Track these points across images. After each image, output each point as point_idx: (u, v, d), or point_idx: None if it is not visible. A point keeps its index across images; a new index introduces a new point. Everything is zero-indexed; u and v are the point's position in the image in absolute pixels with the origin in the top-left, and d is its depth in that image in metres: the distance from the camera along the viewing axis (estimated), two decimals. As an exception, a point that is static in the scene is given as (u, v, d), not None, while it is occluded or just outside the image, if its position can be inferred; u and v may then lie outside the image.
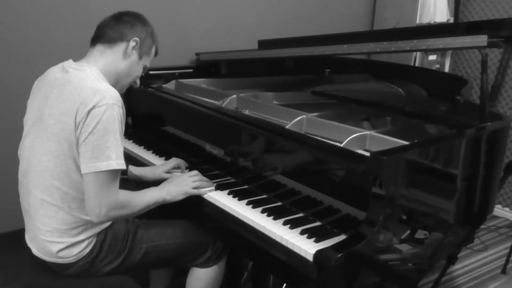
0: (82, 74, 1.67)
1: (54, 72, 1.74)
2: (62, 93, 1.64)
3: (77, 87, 1.62)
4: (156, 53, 1.90)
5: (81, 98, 1.59)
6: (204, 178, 1.92)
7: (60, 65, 1.75)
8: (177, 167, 2.09)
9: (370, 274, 1.57)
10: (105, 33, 1.75)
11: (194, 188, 1.87)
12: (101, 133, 1.56)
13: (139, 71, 1.85)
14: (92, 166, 1.57)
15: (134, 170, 2.10)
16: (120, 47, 1.76)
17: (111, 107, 1.58)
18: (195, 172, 1.94)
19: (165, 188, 1.84)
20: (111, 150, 1.58)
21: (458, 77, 3.04)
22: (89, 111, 1.56)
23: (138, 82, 1.89)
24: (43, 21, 2.57)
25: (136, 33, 1.78)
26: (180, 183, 1.87)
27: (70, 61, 1.75)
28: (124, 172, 2.00)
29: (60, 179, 1.64)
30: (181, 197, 1.85)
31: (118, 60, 1.76)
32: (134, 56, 1.79)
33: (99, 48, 1.75)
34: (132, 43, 1.77)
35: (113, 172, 1.60)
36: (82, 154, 1.59)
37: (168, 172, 2.06)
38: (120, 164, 1.60)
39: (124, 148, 1.69)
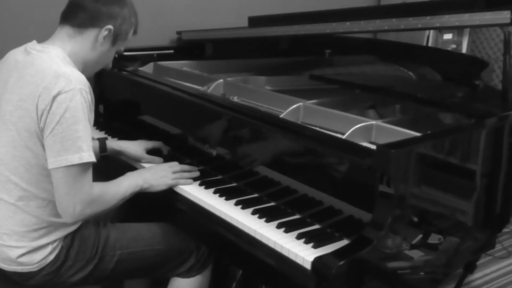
0: (46, 56, 1.67)
1: (16, 55, 1.74)
2: (23, 76, 1.64)
3: (39, 70, 1.62)
4: (134, 32, 1.88)
5: (44, 83, 1.59)
6: (186, 167, 1.96)
7: (22, 47, 1.75)
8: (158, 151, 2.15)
9: (376, 284, 1.57)
10: (76, 14, 1.73)
11: (174, 179, 1.90)
12: (70, 122, 1.57)
13: (110, 58, 1.87)
14: (62, 159, 1.57)
15: (115, 143, 2.13)
16: (91, 34, 1.74)
17: (78, 92, 1.58)
18: (175, 163, 1.98)
19: (142, 175, 1.87)
20: (82, 140, 1.58)
21: (477, 59, 3.05)
22: (54, 98, 1.56)
23: (110, 65, 1.91)
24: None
25: (111, 19, 1.74)
26: (160, 173, 1.90)
27: (34, 42, 1.75)
28: (103, 148, 2.04)
29: (18, 173, 1.64)
30: (159, 188, 1.88)
31: (87, 48, 1.75)
32: (106, 45, 1.77)
33: (68, 30, 1.74)
34: (104, 32, 1.74)
35: (86, 165, 1.61)
36: (49, 147, 1.59)
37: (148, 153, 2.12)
38: (92, 156, 1.62)
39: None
